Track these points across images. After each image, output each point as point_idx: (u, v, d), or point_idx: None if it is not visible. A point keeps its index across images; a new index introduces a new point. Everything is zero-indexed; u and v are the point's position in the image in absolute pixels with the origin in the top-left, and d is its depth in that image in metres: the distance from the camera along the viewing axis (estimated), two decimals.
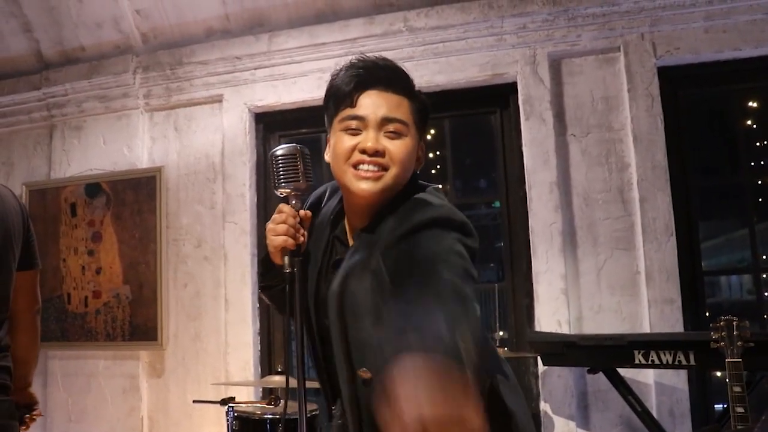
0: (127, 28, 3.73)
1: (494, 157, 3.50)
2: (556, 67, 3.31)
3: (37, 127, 4.01)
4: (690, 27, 3.13)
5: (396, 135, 1.34)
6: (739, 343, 2.23)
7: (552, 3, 3.25)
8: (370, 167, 1.32)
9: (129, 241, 3.68)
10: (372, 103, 1.34)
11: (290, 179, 1.40)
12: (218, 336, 3.55)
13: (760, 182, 3.32)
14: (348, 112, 1.35)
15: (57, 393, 3.76)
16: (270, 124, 3.75)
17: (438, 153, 3.64)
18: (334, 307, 1.33)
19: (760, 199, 3.34)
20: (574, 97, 3.28)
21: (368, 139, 1.32)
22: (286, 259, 1.36)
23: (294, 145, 1.42)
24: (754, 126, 3.34)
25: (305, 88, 3.56)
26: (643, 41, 3.18)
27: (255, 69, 3.61)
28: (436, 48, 3.42)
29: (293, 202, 1.41)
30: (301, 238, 1.38)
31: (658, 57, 3.16)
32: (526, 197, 3.26)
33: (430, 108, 1.46)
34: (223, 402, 2.66)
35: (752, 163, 3.35)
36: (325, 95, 1.43)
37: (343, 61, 1.42)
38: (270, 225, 1.39)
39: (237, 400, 2.97)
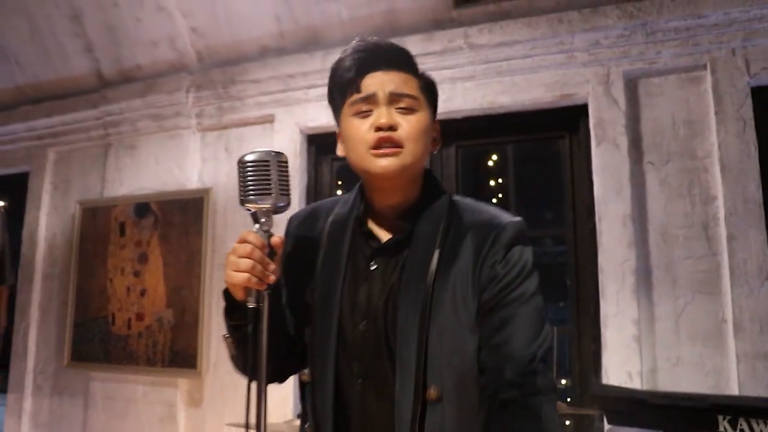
0: (182, 47, 3.67)
1: (561, 187, 3.17)
2: (632, 87, 2.97)
3: (93, 145, 4.01)
4: None
5: (408, 110, 1.25)
6: None
7: (628, 17, 2.93)
8: (387, 145, 1.23)
9: (174, 263, 3.57)
10: (378, 82, 1.25)
11: (260, 192, 1.19)
12: None
13: None
14: (355, 96, 1.26)
15: (96, 416, 3.66)
16: (322, 145, 3.56)
17: (500, 180, 3.35)
18: (414, 312, 1.19)
19: None
20: (653, 120, 2.93)
21: (381, 115, 1.23)
22: (252, 292, 1.14)
23: (268, 150, 1.21)
24: None
25: None
26: (734, 57, 2.80)
27: (308, 88, 3.45)
28: (499, 66, 3.16)
29: (263, 220, 1.20)
30: (272, 277, 1.17)
31: (752, 75, 2.77)
32: (595, 231, 2.92)
33: (437, 87, 1.36)
34: None
35: None
36: (329, 86, 1.34)
37: None
38: (231, 257, 1.18)
39: None
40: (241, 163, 1.20)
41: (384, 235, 1.31)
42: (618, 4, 2.95)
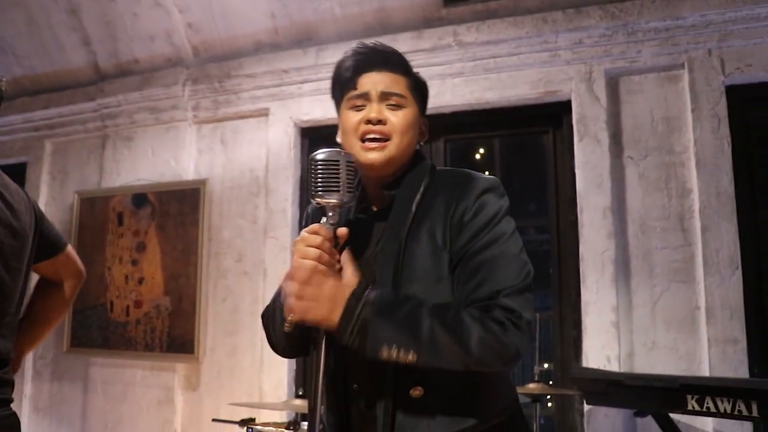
0: (178, 41, 3.76)
1: (545, 179, 3.31)
2: (613, 84, 3.11)
3: (91, 137, 4.10)
4: (764, 42, 2.87)
5: (396, 107, 1.43)
6: None
7: (610, 17, 3.06)
8: (375, 136, 1.40)
9: (171, 252, 3.68)
10: (372, 81, 1.44)
11: (330, 189, 1.29)
12: (254, 353, 3.49)
13: None
14: (352, 93, 1.45)
15: (96, 400, 3.78)
16: (315, 138, 3.68)
17: (487, 173, 3.47)
18: (388, 268, 1.33)
19: None
20: (633, 117, 3.07)
21: (372, 110, 1.42)
22: None
23: (338, 150, 1.33)
24: None
25: None
26: (710, 57, 2.94)
27: (302, 83, 3.56)
28: (486, 63, 3.28)
29: (330, 214, 1.31)
30: (336, 266, 1.29)
31: (727, 75, 2.91)
32: (577, 222, 3.06)
33: (427, 86, 1.55)
34: (242, 423, 2.58)
35: None
36: (332, 82, 1.53)
37: None
38: (300, 246, 1.29)
39: (267, 420, 2.89)
40: (313, 161, 1.31)
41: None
42: (600, 4, 3.08)
